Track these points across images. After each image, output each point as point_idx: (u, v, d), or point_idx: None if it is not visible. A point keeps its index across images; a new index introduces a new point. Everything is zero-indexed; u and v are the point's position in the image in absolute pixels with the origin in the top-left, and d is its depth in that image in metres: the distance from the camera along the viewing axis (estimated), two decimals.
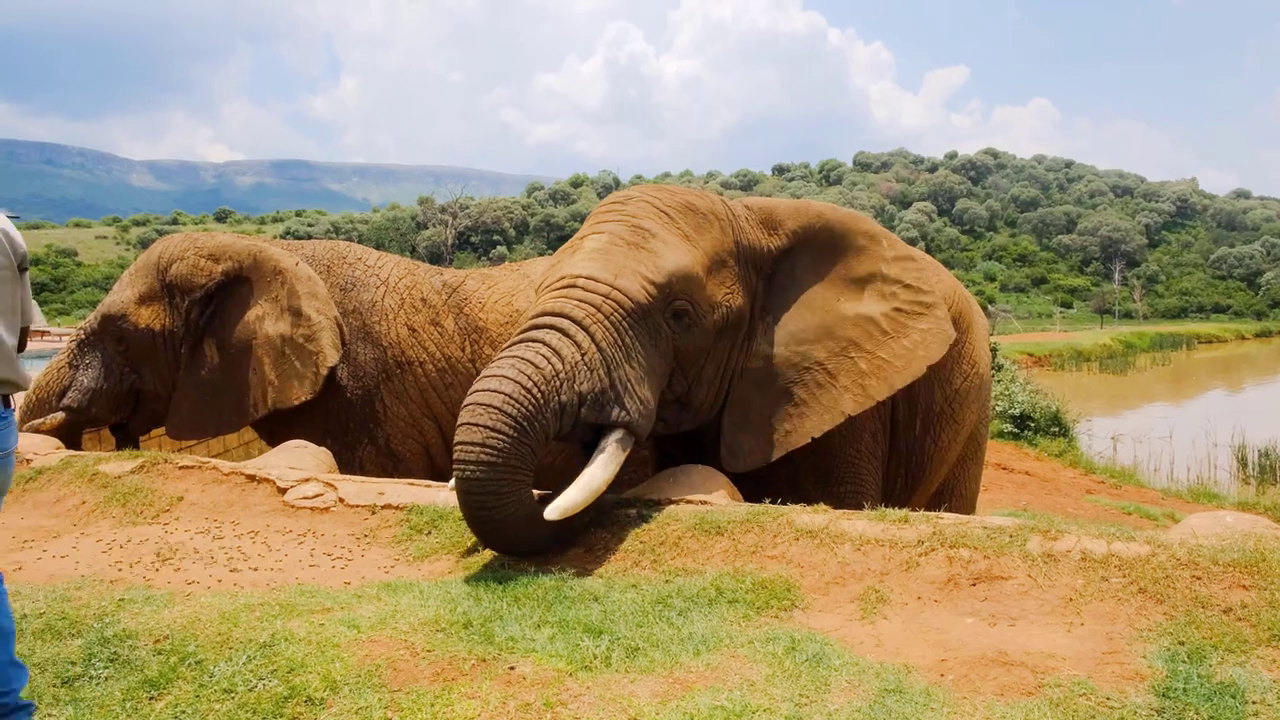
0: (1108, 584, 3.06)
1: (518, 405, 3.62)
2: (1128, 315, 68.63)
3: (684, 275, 4.22)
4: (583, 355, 3.90)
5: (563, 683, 2.59)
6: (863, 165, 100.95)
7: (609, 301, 4.05)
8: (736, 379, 4.60)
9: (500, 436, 3.56)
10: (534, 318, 4.01)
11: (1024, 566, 3.21)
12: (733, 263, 4.51)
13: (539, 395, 3.69)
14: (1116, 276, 73.59)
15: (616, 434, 3.94)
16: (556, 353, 3.85)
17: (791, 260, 4.74)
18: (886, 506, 3.95)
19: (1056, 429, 16.08)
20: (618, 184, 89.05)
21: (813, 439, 4.58)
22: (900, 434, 5.36)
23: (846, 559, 3.41)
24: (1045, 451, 15.11)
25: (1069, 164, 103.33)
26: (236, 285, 6.03)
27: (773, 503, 3.90)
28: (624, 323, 4.04)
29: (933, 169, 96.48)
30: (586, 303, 4.03)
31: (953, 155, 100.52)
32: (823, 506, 3.81)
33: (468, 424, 3.60)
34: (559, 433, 3.87)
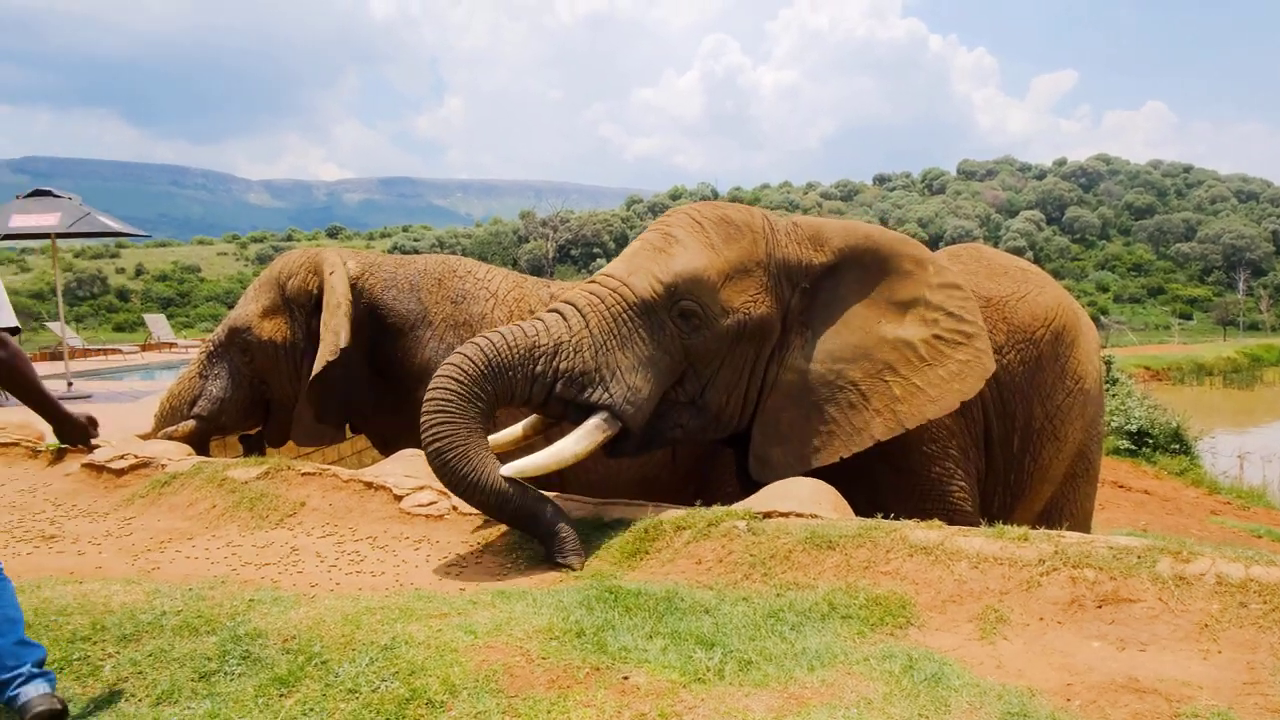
0: (1246, 610, 2.92)
1: (473, 366, 4.05)
2: (1253, 327, 65.25)
3: (692, 277, 4.42)
4: (571, 336, 4.25)
5: (677, 694, 2.59)
6: (967, 174, 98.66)
7: (614, 294, 4.38)
8: (769, 390, 4.64)
9: (450, 394, 4.00)
10: (551, 302, 4.42)
11: (1154, 589, 3.08)
12: (760, 273, 4.57)
13: (502, 361, 4.10)
14: (1241, 286, 70.08)
15: (599, 415, 4.22)
16: (547, 329, 4.25)
17: (836, 278, 4.74)
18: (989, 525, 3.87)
19: (1177, 446, 15.40)
20: (715, 196, 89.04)
21: (888, 460, 4.67)
22: (996, 450, 5.26)
23: (963, 577, 3.33)
24: (1165, 470, 14.49)
25: (1188, 169, 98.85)
26: None
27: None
28: (625, 314, 4.34)
29: (1041, 176, 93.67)
30: (594, 294, 4.40)
31: (1062, 162, 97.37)
32: (937, 522, 3.73)
33: (431, 385, 4.07)
34: (529, 400, 4.24)
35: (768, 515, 3.96)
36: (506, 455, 4.28)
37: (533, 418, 4.56)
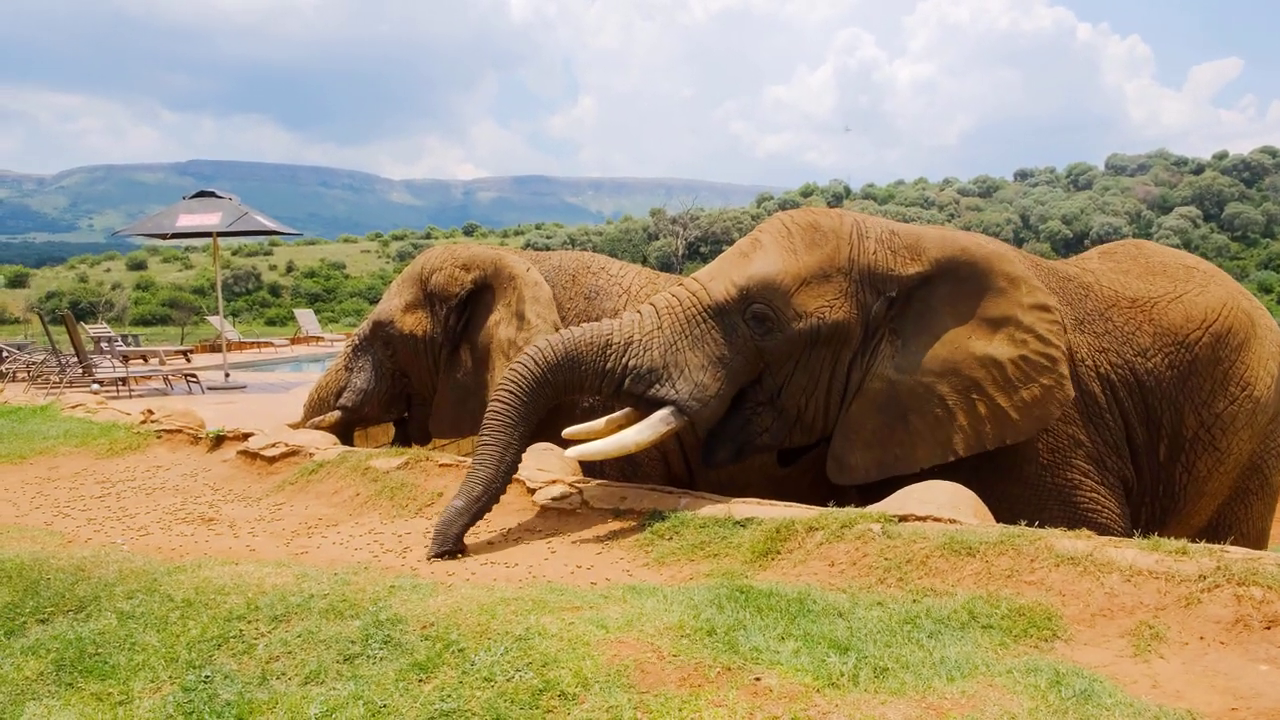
0: None
1: (547, 356, 4.46)
2: None
3: (765, 281, 4.59)
4: (643, 334, 4.55)
5: (810, 698, 2.55)
6: (1116, 169, 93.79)
7: (692, 297, 4.64)
8: (853, 396, 4.67)
9: (519, 378, 4.43)
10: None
11: None
12: (840, 279, 4.62)
13: (576, 353, 4.47)
14: None
15: (666, 409, 4.46)
16: (622, 327, 4.58)
17: (929, 288, 4.69)
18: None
19: None
20: (848, 193, 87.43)
21: (1001, 470, 4.66)
22: (1141, 458, 5.02)
23: (1114, 590, 3.16)
24: None
25: None
26: (483, 293, 6.38)
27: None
28: (699, 316, 4.58)
29: (1198, 171, 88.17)
30: (674, 296, 4.68)
31: (1222, 155, 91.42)
32: (1086, 532, 3.55)
33: (509, 367, 4.53)
34: (600, 391, 4.60)
35: (903, 519, 3.86)
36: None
37: (618, 413, 4.74)
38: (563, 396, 4.61)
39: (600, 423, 4.73)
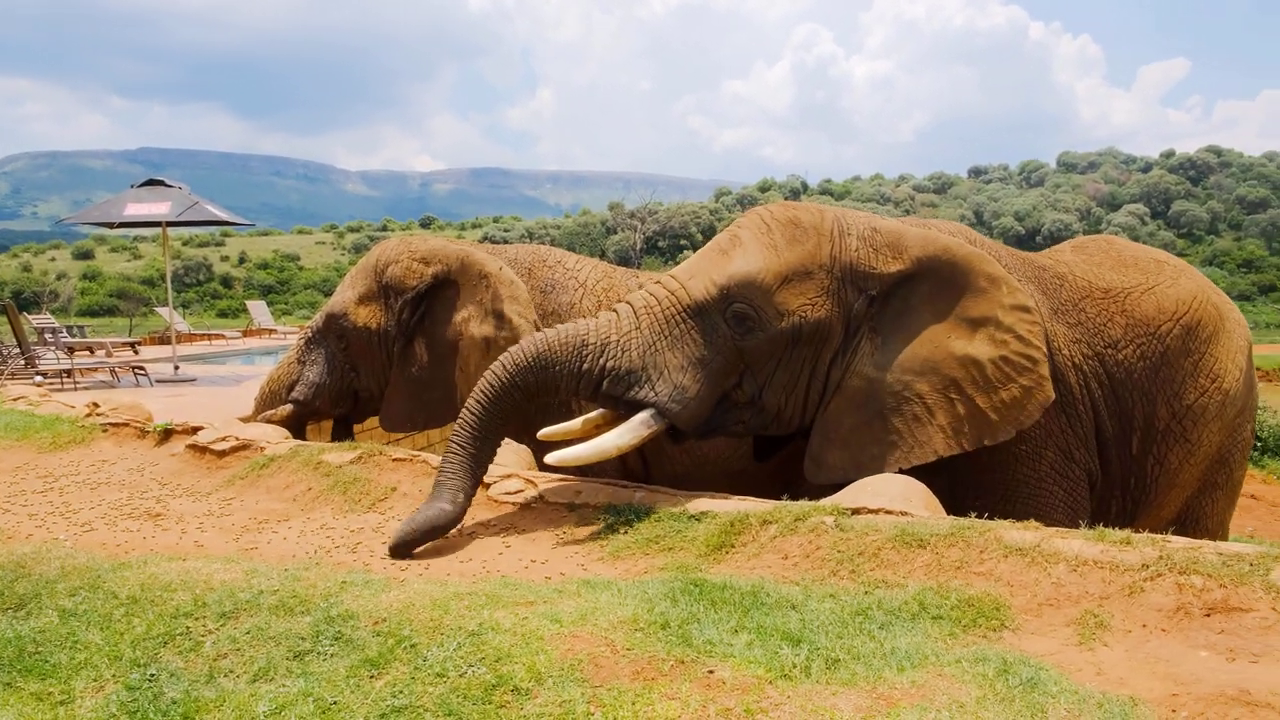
0: None
1: (520, 358, 4.41)
2: None
3: (745, 279, 4.50)
4: (620, 335, 4.45)
5: (762, 690, 2.56)
6: (1068, 166, 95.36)
7: (671, 296, 4.53)
8: (832, 393, 4.63)
9: (490, 384, 4.40)
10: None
11: (1267, 599, 2.93)
12: (821, 276, 4.56)
13: (550, 355, 4.40)
14: None
15: (645, 412, 4.40)
16: (598, 328, 4.48)
17: (910, 287, 4.65)
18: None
19: None
20: (805, 188, 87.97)
21: (971, 456, 4.60)
22: (1111, 451, 5.03)
23: (1061, 580, 3.22)
24: (1274, 474, 13.83)
25: None
26: (444, 288, 6.32)
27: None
28: (678, 316, 4.49)
29: (1146, 169, 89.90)
30: (652, 295, 4.58)
31: (1169, 154, 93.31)
32: (1033, 523, 3.61)
33: (490, 369, 4.48)
34: (577, 393, 4.51)
35: (856, 511, 3.89)
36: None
37: (594, 413, 4.65)
38: (538, 400, 4.55)
39: (576, 423, 4.66)
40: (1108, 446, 5.03)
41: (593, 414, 4.65)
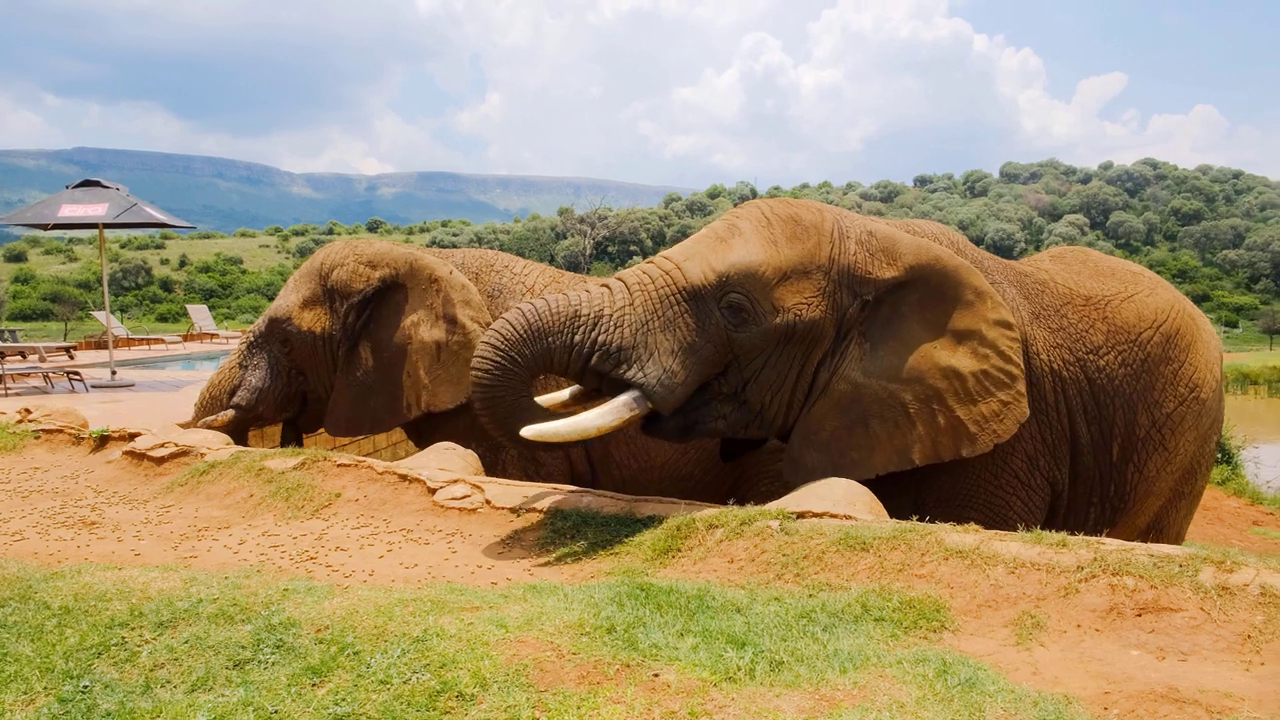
0: None
1: (513, 331, 4.25)
2: None
3: (746, 270, 4.44)
4: (614, 310, 4.34)
5: (707, 693, 2.58)
6: (1010, 176, 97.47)
7: (666, 276, 4.44)
8: (816, 395, 4.61)
9: (490, 360, 4.22)
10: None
11: (1196, 599, 3.02)
12: (819, 277, 4.54)
13: (542, 327, 4.26)
14: None
15: (630, 393, 4.28)
16: (591, 300, 4.36)
17: (900, 294, 4.66)
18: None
19: (1220, 455, 15.10)
20: (754, 195, 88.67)
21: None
22: (1087, 458, 5.03)
23: (999, 582, 3.28)
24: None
25: (1237, 174, 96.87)
26: (392, 291, 6.27)
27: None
28: (673, 297, 4.39)
29: (1085, 180, 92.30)
30: (646, 273, 4.48)
31: (1108, 166, 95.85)
32: (973, 526, 3.67)
33: (480, 344, 4.31)
34: (566, 369, 4.35)
35: (801, 515, 3.93)
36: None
37: (574, 386, 4.57)
38: (536, 373, 4.37)
39: (564, 394, 4.59)
40: (1082, 454, 5.02)
41: (576, 387, 4.58)
